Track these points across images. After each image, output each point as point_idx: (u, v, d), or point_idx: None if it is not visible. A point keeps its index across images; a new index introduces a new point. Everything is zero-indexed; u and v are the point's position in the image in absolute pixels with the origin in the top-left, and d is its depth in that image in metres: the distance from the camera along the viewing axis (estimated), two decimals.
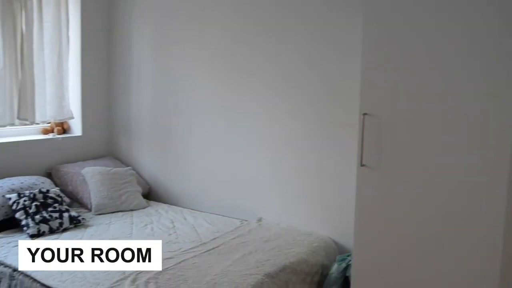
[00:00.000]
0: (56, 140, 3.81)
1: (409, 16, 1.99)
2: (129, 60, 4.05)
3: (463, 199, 1.91)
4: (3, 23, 3.39)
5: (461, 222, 1.92)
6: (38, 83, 3.61)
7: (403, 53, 2.02)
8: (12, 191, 3.12)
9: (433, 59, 1.94)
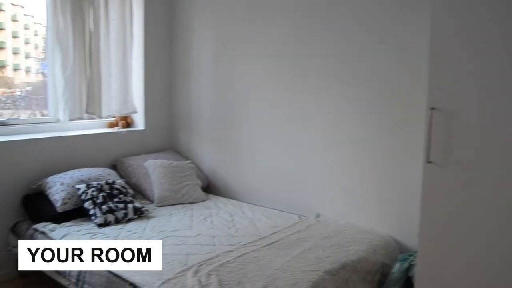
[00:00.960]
0: (120, 133, 3.97)
1: (480, 3, 1.90)
2: (189, 56, 4.14)
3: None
4: (73, 23, 3.55)
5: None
6: (104, 79, 3.76)
7: (474, 44, 1.93)
8: (81, 181, 3.27)
9: (507, 51, 1.84)
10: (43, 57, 4.40)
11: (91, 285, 2.49)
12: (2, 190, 3.24)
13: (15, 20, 4.23)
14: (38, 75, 4.36)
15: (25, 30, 4.28)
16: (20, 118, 3.71)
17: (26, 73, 4.29)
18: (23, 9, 4.29)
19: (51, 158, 3.49)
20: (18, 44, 4.21)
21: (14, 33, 4.18)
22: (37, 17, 4.31)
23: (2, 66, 4.11)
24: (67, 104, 3.56)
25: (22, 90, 4.08)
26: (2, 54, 4.11)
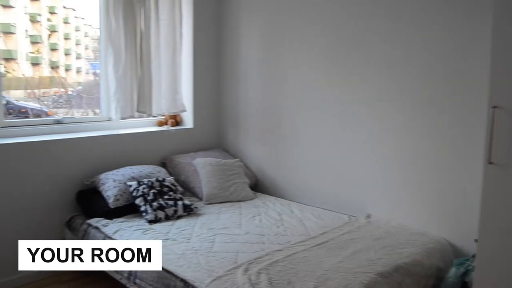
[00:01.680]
0: (170, 131, 4.03)
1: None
2: (237, 55, 4.15)
3: None
4: (125, 24, 3.63)
5: None
6: (154, 78, 3.83)
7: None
8: (132, 178, 3.34)
9: None
10: (93, 58, 4.54)
11: (143, 280, 2.54)
12: (58, 186, 3.35)
13: (67, 22, 4.38)
14: (88, 75, 4.50)
15: (76, 32, 4.43)
16: (74, 117, 3.83)
17: (77, 73, 4.44)
18: (74, 12, 4.45)
19: (104, 155, 3.58)
20: (69, 45, 4.36)
21: (66, 35, 4.34)
22: (88, 19, 4.46)
23: (55, 66, 4.27)
24: (119, 103, 3.64)
25: (73, 89, 4.22)
26: (55, 55, 4.27)
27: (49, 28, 4.21)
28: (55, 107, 4.05)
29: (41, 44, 4.12)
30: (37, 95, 4.02)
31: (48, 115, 3.91)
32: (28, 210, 3.21)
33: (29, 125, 3.47)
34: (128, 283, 2.66)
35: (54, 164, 3.33)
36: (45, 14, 4.16)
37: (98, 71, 4.49)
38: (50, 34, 4.33)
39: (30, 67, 4.02)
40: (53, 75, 4.22)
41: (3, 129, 3.27)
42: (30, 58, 4.02)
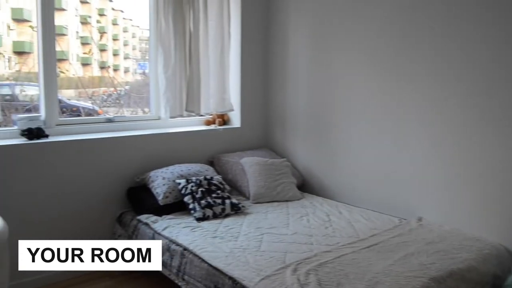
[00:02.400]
0: (217, 131, 4.06)
1: None
2: (285, 54, 4.13)
3: None
4: (174, 25, 3.69)
5: None
6: (203, 78, 3.87)
7: None
8: (181, 176, 3.39)
9: None
10: (140, 58, 4.65)
11: (191, 276, 2.57)
12: (109, 183, 3.45)
13: (115, 23, 4.51)
14: (136, 75, 4.62)
15: (124, 33, 4.55)
16: (125, 115, 3.93)
17: (124, 73, 4.56)
18: (122, 13, 4.57)
19: (153, 153, 3.65)
20: (117, 46, 4.49)
21: (114, 35, 4.46)
22: (135, 20, 4.58)
23: (104, 67, 4.40)
24: (168, 102, 3.71)
25: (121, 89, 4.33)
26: (104, 55, 4.40)
27: (99, 29, 4.35)
28: (104, 106, 4.18)
29: (91, 45, 4.26)
30: (87, 95, 4.17)
31: (98, 114, 4.04)
32: (81, 205, 3.32)
33: (82, 123, 3.59)
34: (176, 279, 2.70)
35: (106, 161, 3.42)
36: (94, 16, 4.30)
37: (146, 71, 4.60)
38: (102, 35, 4.47)
39: (80, 67, 4.17)
40: (102, 75, 4.36)
41: (58, 127, 3.40)
42: (80, 59, 4.17)
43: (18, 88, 3.88)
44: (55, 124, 3.39)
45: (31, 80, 3.87)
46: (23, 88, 3.94)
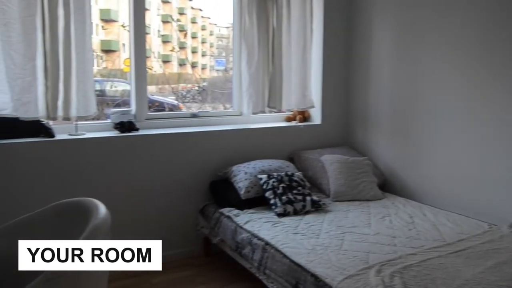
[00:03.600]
0: (298, 127, 4.07)
1: None
2: (368, 51, 4.04)
3: None
4: (258, 22, 3.74)
5: None
6: (285, 74, 3.89)
7: None
8: (262, 172, 3.44)
9: None
10: (217, 55, 4.77)
11: (273, 271, 2.60)
12: (193, 175, 3.58)
13: (194, 22, 4.65)
14: (213, 71, 4.74)
15: (202, 31, 4.68)
16: (209, 111, 4.05)
17: (202, 69, 4.69)
18: (201, 12, 4.70)
19: (235, 148, 3.74)
20: (196, 44, 4.63)
21: (193, 33, 4.60)
22: (213, 18, 4.70)
23: (183, 64, 4.56)
24: (251, 98, 3.77)
25: (199, 85, 4.47)
26: (183, 53, 4.56)
27: (178, 28, 4.51)
28: (183, 102, 4.34)
29: (171, 43, 4.43)
30: (168, 90, 4.34)
31: (178, 109, 4.20)
32: (166, 196, 3.48)
33: (168, 118, 3.75)
34: (257, 273, 2.76)
35: (191, 154, 3.55)
36: (175, 15, 4.46)
37: (222, 67, 4.72)
38: (185, 33, 4.64)
39: (161, 64, 4.35)
40: (182, 72, 4.53)
41: (146, 121, 3.57)
42: (161, 56, 4.35)
43: (108, 84, 4.13)
44: (144, 118, 3.57)
45: (116, 76, 4.12)
46: (113, 84, 4.20)
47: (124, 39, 4.11)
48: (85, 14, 3.08)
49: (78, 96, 3.09)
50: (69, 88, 3.04)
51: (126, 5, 3.49)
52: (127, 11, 3.48)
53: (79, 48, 3.07)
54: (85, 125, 3.33)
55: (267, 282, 2.65)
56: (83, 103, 3.11)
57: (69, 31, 3.02)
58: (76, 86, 3.07)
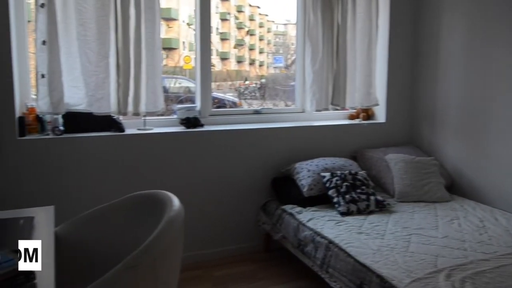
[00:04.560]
0: (361, 125, 4.00)
1: None
2: (436, 48, 3.90)
3: None
4: (323, 18, 3.71)
5: None
6: (349, 71, 3.84)
7: None
8: (325, 170, 3.41)
9: None
10: (274, 52, 4.77)
11: (336, 270, 2.58)
12: (255, 171, 3.61)
13: (252, 19, 4.67)
14: (270, 69, 4.75)
15: (259, 28, 4.70)
16: (271, 108, 4.06)
17: (259, 66, 4.71)
18: (259, 9, 4.71)
19: (297, 145, 3.73)
20: (253, 41, 4.65)
21: (251, 31, 4.62)
22: (271, 15, 4.70)
23: (241, 61, 4.60)
24: (315, 95, 3.75)
25: (257, 82, 4.49)
26: (241, 50, 4.60)
27: (236, 25, 4.55)
28: (242, 98, 4.38)
29: (229, 41, 4.48)
30: (225, 87, 4.40)
31: (237, 106, 4.24)
32: (228, 191, 3.54)
33: (231, 114, 3.80)
34: (320, 271, 2.74)
35: (253, 151, 3.59)
36: (233, 13, 4.50)
37: (280, 64, 4.72)
38: (247, 31, 4.68)
39: (219, 61, 4.41)
40: (239, 69, 4.57)
41: (210, 117, 3.64)
42: (220, 54, 4.41)
43: (172, 81, 4.25)
44: (208, 114, 3.64)
45: (175, 74, 4.22)
46: (177, 81, 4.31)
47: (184, 37, 4.22)
48: (155, 13, 3.18)
49: (147, 93, 3.20)
50: (139, 84, 3.16)
51: (185, 4, 3.57)
52: (187, 10, 3.56)
53: (149, 46, 3.17)
54: (152, 120, 3.44)
55: (329, 280, 2.63)
56: (151, 99, 3.22)
57: (139, 30, 3.13)
58: (146, 83, 3.18)
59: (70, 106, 3.06)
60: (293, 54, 4.79)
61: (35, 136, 3.03)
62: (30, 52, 3.11)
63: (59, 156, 3.02)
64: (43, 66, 2.91)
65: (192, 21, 4.14)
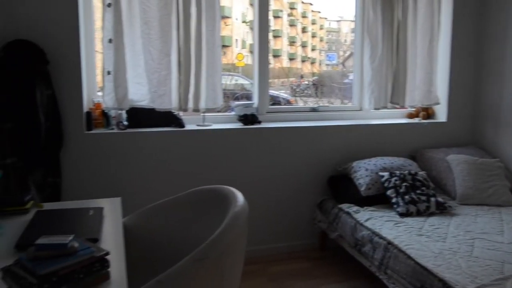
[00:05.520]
0: (421, 124, 3.90)
1: None
2: (503, 45, 3.72)
3: None
4: (383, 14, 3.64)
5: None
6: (410, 69, 3.75)
7: None
8: (384, 169, 3.35)
9: None
10: (327, 49, 4.72)
11: (395, 271, 2.53)
12: (311, 169, 3.60)
13: (305, 16, 4.63)
14: (323, 66, 4.70)
15: (312, 25, 4.65)
16: (328, 105, 4.03)
17: (311, 64, 4.67)
18: (311, 6, 4.67)
19: (354, 144, 3.69)
20: (306, 38, 4.61)
21: (303, 28, 4.59)
22: (323, 12, 4.65)
23: (293, 58, 4.58)
24: (373, 93, 3.69)
25: (309, 80, 4.46)
26: (293, 47, 4.57)
27: (289, 22, 4.53)
28: (296, 96, 4.37)
29: (281, 38, 4.47)
30: (277, 85, 4.40)
31: (290, 103, 4.24)
32: (284, 188, 3.55)
33: (288, 111, 3.81)
34: (377, 272, 2.71)
35: (310, 148, 3.58)
36: (286, 10, 4.48)
37: (333, 62, 4.66)
38: (303, 28, 4.67)
39: (272, 58, 4.42)
40: (291, 66, 4.55)
41: (267, 115, 3.66)
42: (272, 51, 4.42)
43: (228, 78, 4.30)
44: (266, 111, 3.67)
45: (228, 71, 4.27)
46: (233, 78, 4.37)
47: (237, 34, 4.26)
48: (215, 11, 3.24)
49: (207, 89, 3.26)
50: (199, 81, 3.22)
51: (238, 2, 3.60)
52: (240, 8, 3.59)
53: (209, 44, 3.23)
54: (210, 116, 3.50)
55: (388, 282, 2.59)
56: (211, 95, 3.27)
57: (200, 28, 3.19)
58: (206, 80, 3.25)
59: (133, 102, 3.17)
60: (346, 51, 4.74)
61: (101, 130, 3.16)
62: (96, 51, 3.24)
63: (123, 149, 3.14)
64: (109, 63, 3.03)
65: (245, 19, 4.18)
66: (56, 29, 2.90)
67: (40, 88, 2.78)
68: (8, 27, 2.78)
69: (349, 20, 4.77)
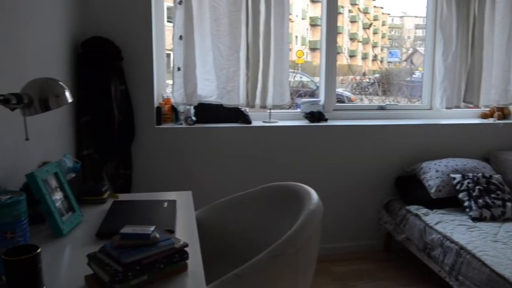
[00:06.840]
0: (496, 125, 3.70)
1: None
2: None
3: None
4: (457, 9, 3.49)
5: None
6: (485, 67, 3.57)
7: None
8: (456, 171, 3.22)
9: None
10: (389, 46, 4.57)
11: (467, 278, 2.43)
12: (378, 169, 3.52)
13: (366, 12, 4.51)
14: (384, 63, 4.56)
15: (374, 21, 4.52)
16: (396, 104, 3.92)
17: (373, 61, 4.54)
18: (373, 2, 4.54)
19: (423, 144, 3.55)
20: (367, 35, 4.49)
21: (365, 24, 4.47)
22: (386, 8, 4.51)
23: (353, 55, 4.47)
24: (445, 92, 3.54)
25: (370, 77, 4.34)
26: (354, 44, 4.46)
27: (350, 18, 4.43)
28: (355, 93, 4.29)
29: (342, 34, 4.38)
30: (336, 82, 4.33)
31: (351, 101, 4.15)
32: (349, 187, 3.50)
33: (355, 109, 3.74)
34: (448, 277, 2.61)
35: (377, 147, 3.50)
36: (347, 6, 4.39)
37: (396, 59, 4.51)
38: (370, 25, 4.56)
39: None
40: (351, 63, 4.45)
41: (334, 112, 3.61)
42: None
43: (291, 75, 4.29)
44: (332, 109, 3.62)
45: (294, 68, 4.24)
46: (297, 75, 4.35)
47: (297, 31, 4.23)
48: (284, 8, 3.23)
49: (275, 86, 3.26)
50: (267, 78, 3.23)
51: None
52: (300, 5, 3.55)
53: (277, 40, 3.23)
54: (276, 113, 3.50)
55: None
56: (278, 92, 3.27)
57: (269, 24, 3.20)
58: (273, 77, 3.25)
59: (202, 98, 3.23)
60: (409, 48, 4.59)
61: (170, 125, 3.25)
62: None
63: (191, 144, 3.21)
64: (179, 60, 3.10)
65: (305, 16, 4.14)
66: (131, 27, 3.00)
67: (114, 83, 2.89)
68: (86, 25, 2.90)
69: (413, 16, 4.62)
